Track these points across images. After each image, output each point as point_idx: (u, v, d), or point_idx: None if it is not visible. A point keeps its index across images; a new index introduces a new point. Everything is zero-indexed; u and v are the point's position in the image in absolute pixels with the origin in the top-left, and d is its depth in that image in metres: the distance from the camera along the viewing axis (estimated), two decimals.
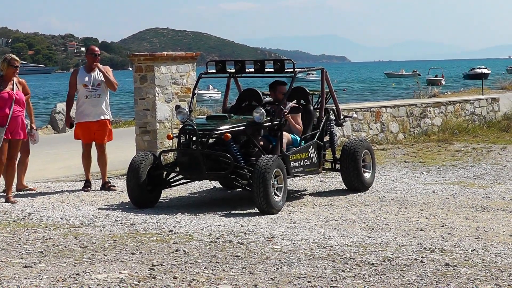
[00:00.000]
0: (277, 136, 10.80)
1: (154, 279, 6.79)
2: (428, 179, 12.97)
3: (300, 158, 11.02)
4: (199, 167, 10.32)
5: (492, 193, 11.57)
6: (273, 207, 10.03)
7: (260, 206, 10.00)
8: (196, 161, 10.32)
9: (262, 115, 10.55)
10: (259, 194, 9.93)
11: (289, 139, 11.00)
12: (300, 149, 11.03)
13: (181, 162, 10.57)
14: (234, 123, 10.66)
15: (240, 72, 11.63)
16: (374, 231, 8.88)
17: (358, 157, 11.56)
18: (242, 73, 11.66)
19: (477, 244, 8.16)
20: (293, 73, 11.13)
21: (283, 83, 11.52)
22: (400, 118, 18.38)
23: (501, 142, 17.53)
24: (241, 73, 11.68)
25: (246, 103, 11.88)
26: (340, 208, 10.46)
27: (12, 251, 7.93)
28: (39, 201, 11.10)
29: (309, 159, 11.19)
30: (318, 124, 11.56)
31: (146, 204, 10.58)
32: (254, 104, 11.66)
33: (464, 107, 20.20)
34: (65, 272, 7.01)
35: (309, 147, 11.21)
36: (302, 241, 8.30)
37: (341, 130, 16.92)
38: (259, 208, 10.05)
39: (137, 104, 13.98)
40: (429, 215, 9.93)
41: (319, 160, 11.44)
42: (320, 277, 6.86)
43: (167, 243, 8.25)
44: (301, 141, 11.15)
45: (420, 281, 6.73)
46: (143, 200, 10.58)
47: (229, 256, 7.67)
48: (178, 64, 14.08)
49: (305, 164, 11.12)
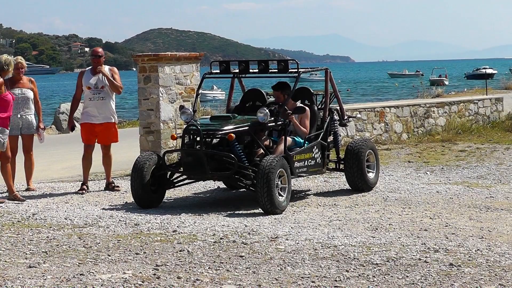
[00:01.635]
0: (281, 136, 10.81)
1: (158, 279, 6.80)
2: (432, 179, 12.96)
3: (304, 158, 11.00)
4: (203, 167, 10.31)
5: (496, 193, 11.56)
6: (277, 207, 10.03)
7: (264, 207, 10.01)
8: (200, 161, 10.31)
9: (266, 115, 10.53)
10: (263, 194, 9.94)
11: (292, 141, 10.97)
12: (304, 149, 11.01)
13: (185, 162, 10.56)
14: (238, 124, 10.65)
15: (244, 73, 11.59)
16: (378, 231, 8.88)
17: (362, 157, 11.55)
18: (246, 73, 11.62)
19: (481, 244, 8.16)
20: (297, 73, 11.10)
21: (286, 84, 11.46)
22: (404, 118, 18.37)
23: (505, 142, 17.51)
24: (245, 74, 11.63)
25: (250, 103, 11.86)
26: (344, 208, 10.46)
27: (16, 251, 7.94)
28: (43, 201, 11.12)
29: (313, 159, 11.18)
30: (322, 124, 11.54)
31: (150, 204, 10.59)
32: (258, 104, 11.65)
33: (468, 107, 20.17)
34: (69, 272, 7.02)
35: (313, 147, 11.19)
36: (306, 241, 8.30)
37: (345, 130, 16.91)
38: (263, 208, 10.06)
39: (141, 105, 13.98)
40: (433, 215, 9.93)
41: (323, 160, 11.43)
42: (324, 277, 6.86)
43: (171, 243, 8.26)
44: (304, 142, 11.10)
45: (424, 281, 6.73)
46: (147, 200, 10.58)
47: (233, 256, 7.67)
48: (182, 65, 14.08)
49: (309, 164, 11.11)
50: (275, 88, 11.36)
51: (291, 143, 10.94)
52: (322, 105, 11.82)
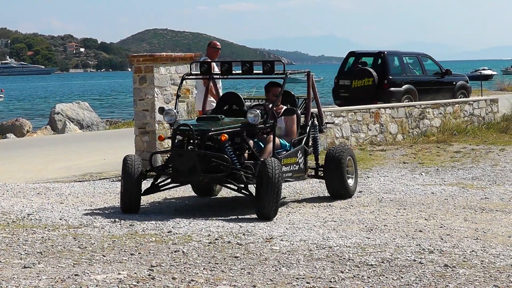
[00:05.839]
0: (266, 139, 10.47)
1: (153, 279, 6.80)
2: (427, 180, 12.98)
3: (290, 162, 10.63)
4: (195, 169, 9.93)
5: (491, 194, 11.57)
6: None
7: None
8: (192, 162, 9.94)
9: (257, 116, 10.20)
10: (271, 200, 9.56)
11: (278, 144, 10.59)
12: (290, 153, 10.64)
13: (175, 164, 10.13)
14: (227, 125, 10.29)
15: (226, 74, 11.12)
16: (373, 232, 8.88)
17: (343, 164, 11.08)
18: (228, 74, 11.14)
19: (476, 245, 8.17)
20: (285, 74, 10.70)
21: (278, 85, 11.07)
22: (399, 119, 18.39)
23: (500, 143, 17.54)
24: (227, 75, 11.16)
25: (226, 107, 11.27)
26: (339, 209, 10.46)
27: (11, 252, 7.93)
28: (38, 201, 11.11)
29: (297, 164, 10.79)
30: (304, 129, 11.13)
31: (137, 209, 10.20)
32: (235, 108, 11.15)
33: (463, 108, 20.21)
34: (64, 272, 7.01)
35: (298, 152, 10.81)
36: (301, 242, 8.31)
37: (340, 131, 16.94)
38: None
39: (136, 105, 13.98)
40: (428, 216, 9.94)
41: (305, 166, 11.05)
42: (318, 278, 6.87)
43: (166, 244, 8.25)
44: (290, 146, 10.74)
45: (419, 282, 6.73)
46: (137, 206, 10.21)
47: (228, 257, 7.67)
48: (177, 65, 14.08)
49: (294, 169, 10.72)
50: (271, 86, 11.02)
51: (278, 145, 10.56)
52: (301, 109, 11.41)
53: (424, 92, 24.59)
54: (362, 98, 23.04)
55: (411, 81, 24.62)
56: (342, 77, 25.02)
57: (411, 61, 25.82)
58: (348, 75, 24.79)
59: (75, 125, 27.43)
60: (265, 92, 11.19)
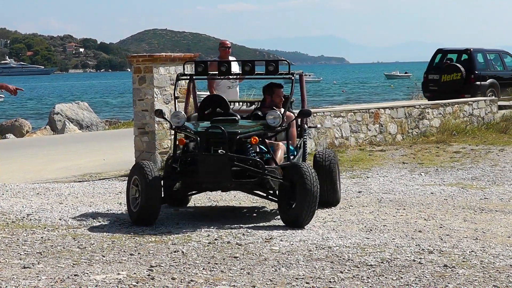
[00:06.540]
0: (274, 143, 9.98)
1: (153, 280, 6.80)
2: (426, 181, 12.98)
3: None
4: (226, 174, 9.20)
5: (490, 194, 11.58)
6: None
7: (301, 220, 9.10)
8: (223, 167, 9.19)
9: (277, 118, 9.64)
10: (309, 208, 9.07)
11: (284, 149, 10.03)
12: (298, 158, 10.24)
13: (203, 168, 9.26)
14: (248, 127, 9.70)
15: (225, 74, 10.55)
16: (372, 233, 8.88)
17: (335, 170, 10.58)
18: (227, 75, 10.63)
19: (475, 245, 8.17)
20: (292, 75, 10.24)
21: (280, 86, 10.66)
22: (399, 120, 18.39)
23: (500, 144, 17.54)
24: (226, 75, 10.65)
25: (209, 110, 10.53)
26: (338, 209, 10.46)
27: (10, 252, 7.93)
28: (38, 201, 11.11)
29: None
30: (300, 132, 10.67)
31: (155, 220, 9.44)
32: (218, 111, 10.42)
33: (462, 109, 20.21)
34: (63, 273, 7.01)
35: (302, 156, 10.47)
36: (300, 242, 8.31)
37: (339, 131, 16.94)
38: (300, 223, 9.11)
39: (136, 105, 13.99)
40: (428, 216, 9.94)
41: None
42: (318, 278, 6.87)
43: (166, 244, 8.25)
44: (294, 150, 10.31)
45: (418, 282, 6.73)
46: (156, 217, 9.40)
47: (227, 257, 7.67)
48: (177, 66, 14.08)
49: None
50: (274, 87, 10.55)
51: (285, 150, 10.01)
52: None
53: (505, 86, 26.59)
54: (451, 91, 25.03)
55: (494, 75, 26.49)
56: (431, 72, 26.94)
57: (492, 57, 27.49)
58: (437, 70, 26.65)
59: (75, 125, 27.44)
60: (264, 93, 10.68)
